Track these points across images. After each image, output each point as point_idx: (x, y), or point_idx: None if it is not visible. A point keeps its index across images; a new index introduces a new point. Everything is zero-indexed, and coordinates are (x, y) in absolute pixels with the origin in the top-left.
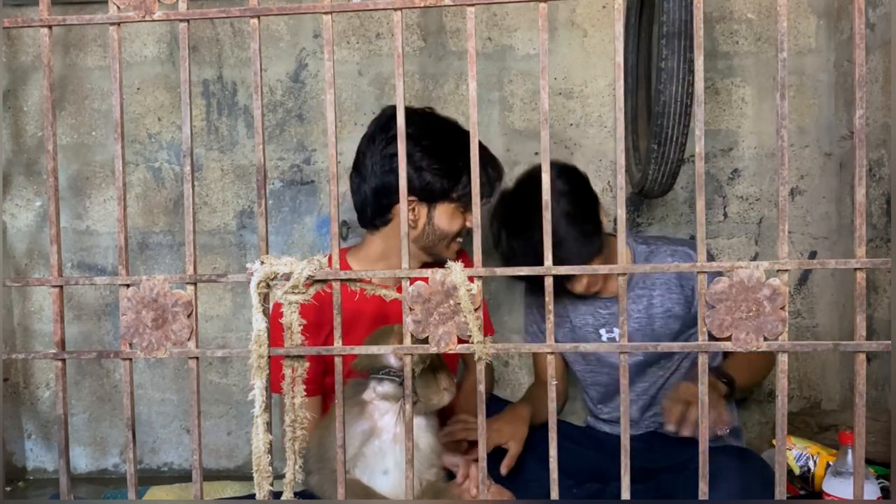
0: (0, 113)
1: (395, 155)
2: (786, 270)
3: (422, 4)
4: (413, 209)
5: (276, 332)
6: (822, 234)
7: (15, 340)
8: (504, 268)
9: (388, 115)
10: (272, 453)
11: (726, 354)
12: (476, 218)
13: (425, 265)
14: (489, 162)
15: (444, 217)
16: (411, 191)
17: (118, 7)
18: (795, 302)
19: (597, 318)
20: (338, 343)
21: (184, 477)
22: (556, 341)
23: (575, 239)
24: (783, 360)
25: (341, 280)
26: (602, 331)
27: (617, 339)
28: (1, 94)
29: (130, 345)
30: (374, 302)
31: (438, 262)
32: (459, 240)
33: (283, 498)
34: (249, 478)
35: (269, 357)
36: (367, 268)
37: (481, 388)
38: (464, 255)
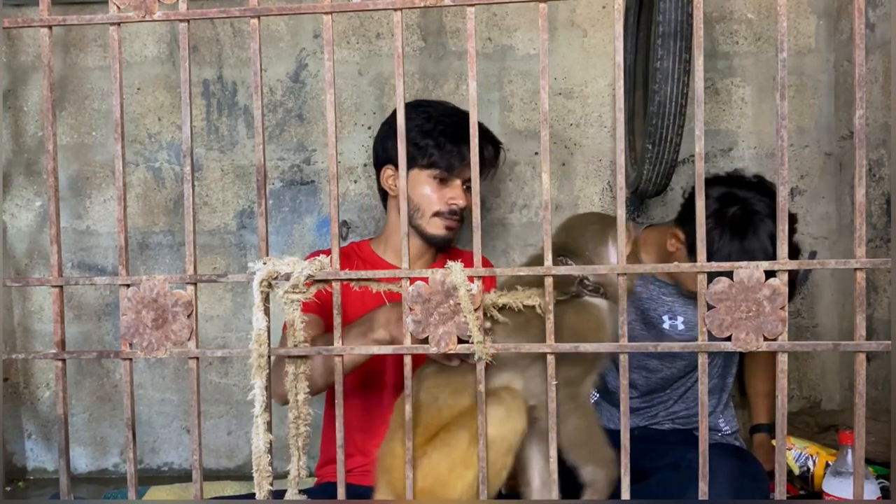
0: (0, 113)
1: (386, 124)
2: (786, 270)
3: (422, 4)
4: (392, 177)
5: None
6: (822, 234)
7: (15, 340)
8: (504, 268)
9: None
10: (272, 453)
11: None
12: (476, 219)
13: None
14: (483, 139)
15: (414, 185)
16: (389, 160)
17: (118, 7)
18: (795, 302)
19: (660, 304)
20: (337, 343)
21: (184, 477)
22: (635, 325)
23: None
24: (783, 360)
25: (341, 280)
26: (665, 317)
27: (679, 326)
28: (1, 94)
29: (130, 345)
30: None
31: (432, 241)
32: (440, 213)
33: (287, 495)
34: (249, 478)
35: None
36: (385, 249)
37: (481, 387)
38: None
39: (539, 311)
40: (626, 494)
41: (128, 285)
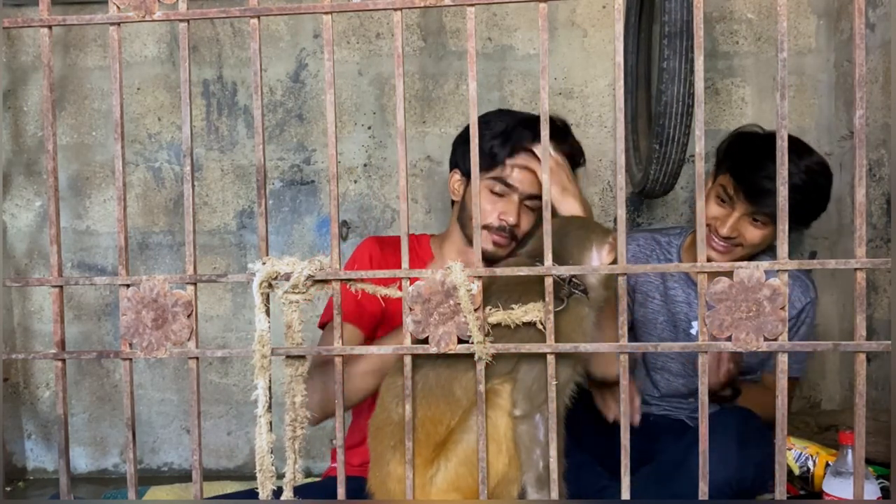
0: (0, 113)
1: (466, 130)
2: (786, 270)
3: (422, 4)
4: (458, 182)
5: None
6: (822, 234)
7: (15, 340)
8: (504, 268)
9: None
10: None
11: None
12: (476, 219)
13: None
14: (572, 146)
15: (474, 193)
16: (457, 165)
17: (118, 7)
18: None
19: (691, 308)
20: (337, 343)
21: (184, 477)
22: (656, 322)
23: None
24: (783, 360)
25: (341, 280)
26: (694, 323)
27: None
28: (1, 94)
29: (130, 345)
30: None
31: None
32: (489, 227)
33: (283, 497)
34: (249, 478)
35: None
36: (446, 250)
37: (481, 387)
38: None
39: (540, 326)
40: (626, 494)
41: (128, 285)
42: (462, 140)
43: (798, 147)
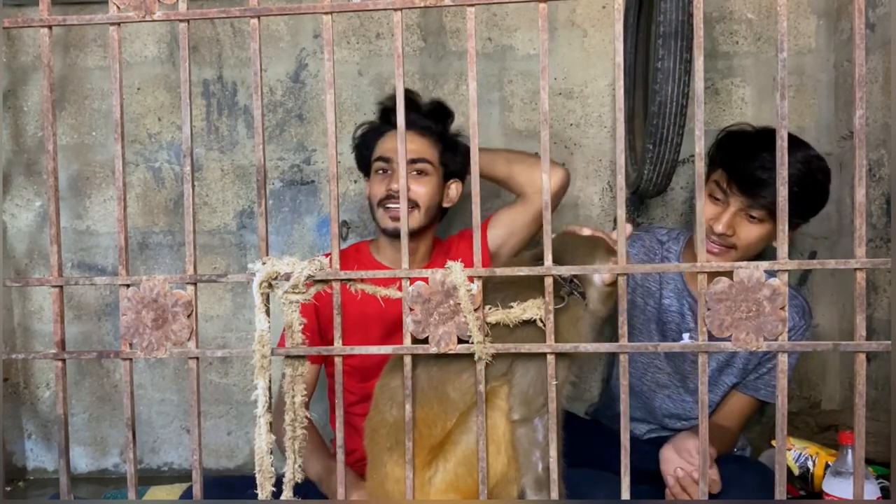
0: (0, 113)
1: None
2: (786, 270)
3: (422, 4)
4: (367, 185)
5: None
6: (822, 234)
7: (15, 340)
8: (504, 268)
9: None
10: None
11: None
12: (476, 219)
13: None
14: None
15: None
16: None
17: (118, 7)
18: None
19: (683, 320)
20: (338, 343)
21: (184, 477)
22: (646, 329)
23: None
24: (783, 359)
25: (341, 280)
26: (686, 335)
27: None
28: (1, 94)
29: (130, 345)
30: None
31: (392, 236)
32: (382, 203)
33: (282, 497)
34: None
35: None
36: (378, 251)
37: (481, 387)
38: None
39: (540, 324)
40: (626, 494)
41: (128, 285)
42: (355, 146)
43: (793, 141)
